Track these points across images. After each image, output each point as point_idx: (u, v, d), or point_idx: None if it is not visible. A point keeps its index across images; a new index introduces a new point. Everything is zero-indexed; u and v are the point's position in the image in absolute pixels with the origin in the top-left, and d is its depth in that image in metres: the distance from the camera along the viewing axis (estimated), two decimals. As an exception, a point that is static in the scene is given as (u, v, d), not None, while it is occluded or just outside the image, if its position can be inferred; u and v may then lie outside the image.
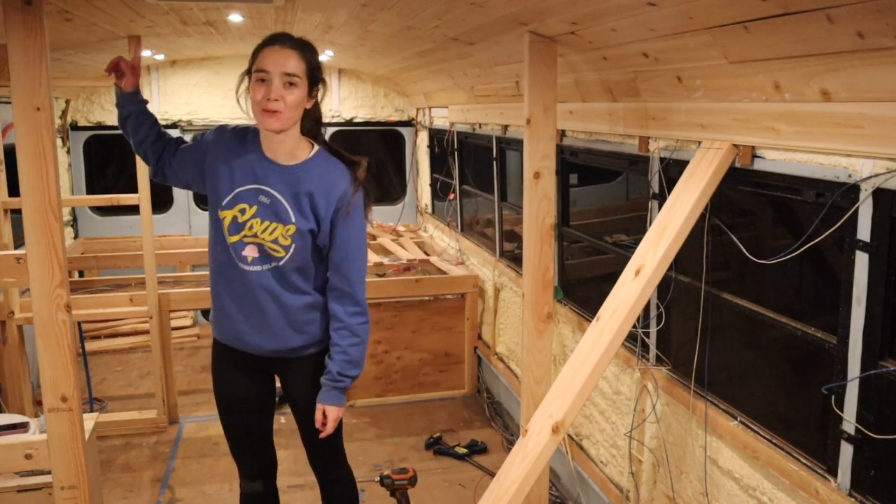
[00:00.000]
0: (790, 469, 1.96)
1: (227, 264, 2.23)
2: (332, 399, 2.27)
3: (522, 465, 2.20)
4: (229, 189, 2.18)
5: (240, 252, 2.19)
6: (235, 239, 2.18)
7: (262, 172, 2.17)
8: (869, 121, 1.57)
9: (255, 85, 2.07)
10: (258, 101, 2.07)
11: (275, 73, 2.05)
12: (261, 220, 2.16)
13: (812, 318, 1.98)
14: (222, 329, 2.33)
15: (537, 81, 2.56)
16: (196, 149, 2.29)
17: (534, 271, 2.70)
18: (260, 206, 2.16)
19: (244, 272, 2.20)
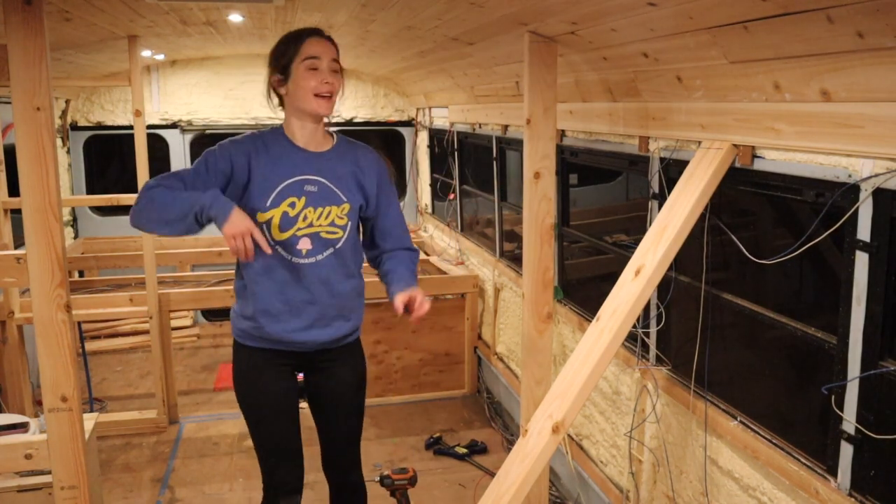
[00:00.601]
0: (790, 469, 1.96)
1: (276, 264, 2.20)
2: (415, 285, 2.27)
3: (522, 465, 2.20)
4: (271, 188, 2.17)
5: (294, 246, 2.20)
6: (288, 234, 2.19)
7: (301, 163, 2.21)
8: (869, 121, 1.57)
9: (307, 72, 2.14)
10: (312, 86, 2.14)
11: (325, 58, 2.15)
12: (313, 208, 2.19)
13: (812, 318, 1.98)
14: (264, 332, 2.25)
15: (537, 81, 2.56)
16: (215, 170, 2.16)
17: (534, 271, 2.70)
18: (308, 196, 2.19)
19: (298, 266, 2.21)
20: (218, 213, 2.03)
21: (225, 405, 4.85)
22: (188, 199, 2.05)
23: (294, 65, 2.15)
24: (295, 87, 2.16)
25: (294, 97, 2.17)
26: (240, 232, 2.01)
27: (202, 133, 6.28)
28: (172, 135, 6.20)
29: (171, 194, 2.07)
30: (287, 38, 2.19)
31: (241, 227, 2.01)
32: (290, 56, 2.15)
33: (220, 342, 6.17)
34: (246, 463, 4.02)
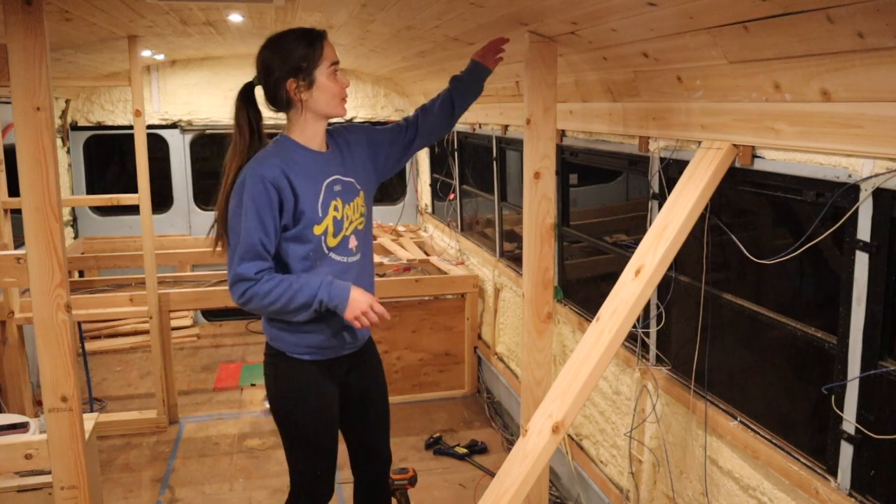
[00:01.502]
0: (790, 469, 1.96)
1: (333, 269, 2.19)
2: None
3: (522, 465, 2.20)
4: (316, 198, 2.15)
5: (346, 247, 2.24)
6: (340, 237, 2.22)
7: (322, 166, 2.22)
8: (869, 121, 1.57)
9: (332, 78, 2.17)
10: (338, 91, 2.18)
11: (338, 63, 2.20)
12: (348, 205, 2.24)
13: (812, 318, 1.98)
14: (322, 342, 2.24)
15: (537, 81, 2.56)
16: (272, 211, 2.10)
17: (534, 271, 2.70)
18: (340, 195, 2.22)
19: (349, 266, 2.25)
20: (338, 302, 2.11)
21: (225, 405, 4.85)
22: (302, 297, 2.09)
23: (318, 71, 2.13)
24: (321, 93, 2.14)
25: (318, 102, 2.15)
26: (362, 312, 2.10)
27: (202, 133, 6.28)
28: (172, 135, 6.20)
29: (280, 288, 2.08)
30: (298, 41, 2.13)
31: (363, 306, 2.10)
32: (314, 62, 2.12)
33: (220, 342, 6.18)
34: (246, 463, 4.02)
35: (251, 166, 2.11)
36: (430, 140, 2.52)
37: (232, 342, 6.17)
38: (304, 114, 2.18)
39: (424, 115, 2.47)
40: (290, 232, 2.13)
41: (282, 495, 3.68)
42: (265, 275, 2.10)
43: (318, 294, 2.09)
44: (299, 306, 2.10)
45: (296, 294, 2.09)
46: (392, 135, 2.43)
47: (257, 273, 2.09)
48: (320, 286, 2.10)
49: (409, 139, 2.45)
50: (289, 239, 2.14)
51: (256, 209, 2.06)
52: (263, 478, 3.86)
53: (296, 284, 2.10)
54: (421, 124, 2.46)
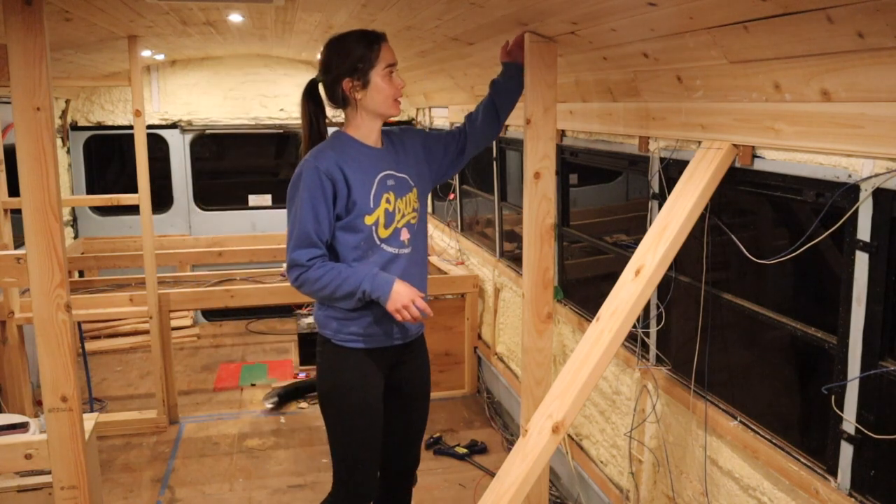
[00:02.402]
0: (790, 469, 1.96)
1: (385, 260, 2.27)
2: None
3: (522, 465, 2.20)
4: (368, 190, 2.24)
5: (398, 239, 2.30)
6: (391, 229, 2.28)
7: (377, 161, 2.30)
8: (869, 121, 1.57)
9: (387, 79, 2.24)
10: (392, 92, 2.26)
11: (396, 64, 2.28)
12: (400, 199, 2.31)
13: (812, 318, 1.98)
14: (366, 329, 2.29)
15: (537, 81, 2.56)
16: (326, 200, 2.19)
17: (534, 271, 2.70)
18: (393, 190, 2.29)
19: (399, 257, 2.30)
20: (380, 293, 2.18)
21: (225, 405, 4.85)
22: (348, 285, 2.18)
23: (374, 72, 2.22)
24: (375, 93, 2.23)
25: (372, 102, 2.24)
26: (403, 305, 2.17)
27: (202, 133, 6.29)
28: (172, 135, 6.20)
29: (329, 276, 2.18)
30: (357, 43, 2.22)
31: (404, 299, 2.17)
32: (370, 63, 2.21)
33: (220, 342, 6.18)
34: (246, 463, 4.02)
35: (308, 159, 2.22)
36: (482, 145, 2.60)
37: (232, 342, 6.17)
38: (359, 112, 2.28)
39: (471, 124, 2.54)
40: (343, 221, 2.22)
41: (282, 495, 3.69)
42: (318, 262, 2.20)
43: (363, 284, 2.17)
44: (345, 294, 2.19)
45: (343, 282, 2.18)
46: (445, 141, 2.51)
47: (309, 260, 2.19)
48: (365, 276, 2.19)
49: (460, 147, 2.52)
50: (341, 228, 2.23)
51: (311, 199, 2.17)
52: (263, 478, 3.86)
53: (344, 273, 2.19)
54: (469, 132, 2.53)
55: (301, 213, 2.17)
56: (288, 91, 6.24)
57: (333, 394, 2.35)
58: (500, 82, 2.56)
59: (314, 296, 2.27)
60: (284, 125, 6.32)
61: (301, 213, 2.17)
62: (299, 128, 2.45)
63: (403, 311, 2.17)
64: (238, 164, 6.91)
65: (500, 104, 2.55)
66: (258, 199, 6.57)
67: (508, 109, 2.57)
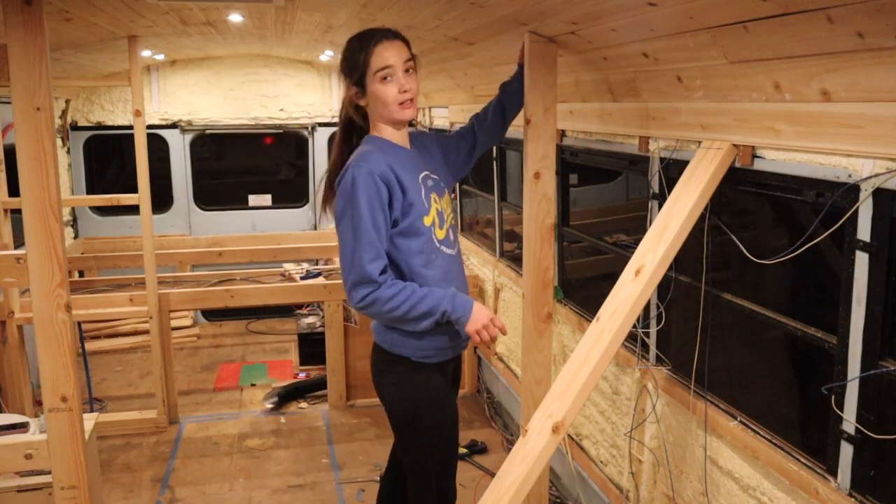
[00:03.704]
0: (790, 469, 1.96)
1: (444, 263, 2.20)
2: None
3: (522, 465, 2.20)
4: (419, 191, 2.16)
5: (450, 238, 2.24)
6: (444, 230, 2.22)
7: (415, 162, 2.22)
8: (869, 121, 1.57)
9: (382, 85, 2.09)
10: (392, 97, 2.10)
11: (398, 65, 2.09)
12: (442, 198, 2.27)
13: (812, 319, 1.98)
14: (446, 343, 2.22)
15: (537, 81, 2.56)
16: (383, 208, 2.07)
17: (534, 271, 2.70)
18: (434, 189, 2.23)
19: (454, 258, 2.26)
20: (461, 314, 2.09)
21: (225, 405, 4.85)
22: (425, 305, 2.06)
23: (367, 78, 2.10)
24: (374, 100, 2.13)
25: (376, 108, 2.15)
26: (483, 325, 2.10)
27: (202, 133, 6.29)
28: (172, 135, 6.21)
29: (404, 294, 2.05)
30: (354, 46, 2.13)
31: (484, 320, 2.10)
32: (362, 68, 2.10)
33: (220, 342, 6.18)
34: (246, 463, 4.02)
35: (358, 164, 2.06)
36: (487, 146, 2.57)
37: (232, 342, 6.17)
38: (373, 116, 2.21)
39: (479, 124, 2.51)
40: (402, 225, 2.10)
41: (282, 495, 3.69)
42: (388, 279, 2.07)
43: (443, 304, 2.07)
44: (420, 314, 2.07)
45: (419, 301, 2.06)
46: (457, 141, 2.49)
47: (381, 275, 2.04)
48: (444, 296, 2.08)
49: (470, 146, 2.50)
50: (401, 234, 2.11)
51: (370, 207, 2.03)
52: (263, 478, 3.86)
53: (420, 292, 2.07)
54: (478, 133, 2.51)
55: (362, 222, 2.02)
56: (288, 91, 6.24)
57: (419, 413, 2.25)
58: (510, 84, 2.55)
59: (381, 317, 2.13)
60: (284, 125, 6.32)
61: (362, 223, 2.02)
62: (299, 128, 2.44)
63: (483, 331, 2.10)
64: (238, 164, 6.91)
65: (508, 106, 2.53)
66: (258, 199, 6.57)
67: (515, 113, 2.56)
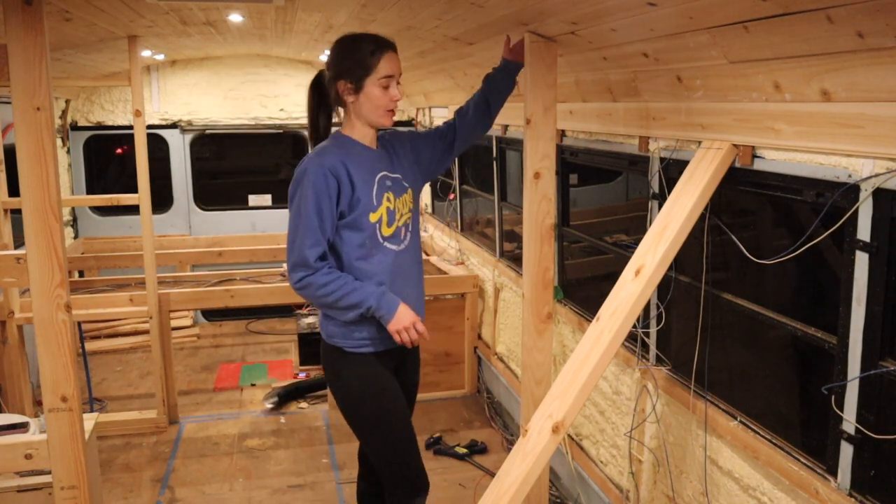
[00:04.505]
0: (790, 469, 1.96)
1: (388, 258, 2.29)
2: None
3: (522, 465, 2.20)
4: (370, 189, 2.26)
5: (399, 237, 2.32)
6: (394, 227, 2.30)
7: (375, 162, 2.32)
8: (869, 121, 1.57)
9: (381, 90, 2.23)
10: (385, 103, 2.25)
11: (397, 76, 2.27)
12: (399, 198, 2.34)
13: (812, 318, 1.98)
14: (375, 332, 2.29)
15: (537, 81, 2.56)
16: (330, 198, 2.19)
17: (534, 271, 2.70)
18: (391, 189, 2.32)
19: (402, 255, 2.33)
20: (384, 312, 2.21)
21: (225, 405, 4.85)
22: (354, 297, 2.19)
23: (368, 80, 2.21)
24: (367, 101, 2.24)
25: (363, 109, 2.26)
26: (405, 327, 2.22)
27: (202, 133, 6.29)
28: (172, 135, 6.20)
29: (336, 283, 2.18)
30: (361, 50, 2.21)
31: (406, 322, 2.22)
32: (366, 70, 2.20)
33: (220, 342, 6.18)
34: (246, 463, 4.02)
35: (312, 157, 2.23)
36: (470, 141, 2.61)
37: (232, 342, 6.17)
38: (351, 115, 2.30)
39: (462, 119, 2.55)
40: (347, 219, 2.22)
41: (282, 495, 3.69)
42: (325, 266, 2.20)
43: (369, 300, 2.20)
44: (349, 305, 2.20)
45: (349, 293, 2.19)
46: (433, 140, 2.54)
47: (316, 261, 2.18)
48: (373, 292, 2.21)
49: (449, 142, 2.55)
50: (346, 226, 2.23)
51: (316, 196, 2.16)
52: (263, 478, 3.86)
53: (351, 284, 2.21)
54: (459, 127, 2.54)
55: (307, 210, 2.16)
56: (288, 91, 6.24)
57: (361, 401, 2.35)
58: (496, 78, 2.56)
59: (314, 300, 2.27)
60: (284, 125, 6.32)
61: (307, 211, 2.16)
62: (300, 128, 2.46)
63: (404, 332, 2.23)
64: (238, 164, 6.91)
65: (493, 100, 2.55)
66: (258, 199, 6.57)
67: (500, 105, 2.58)
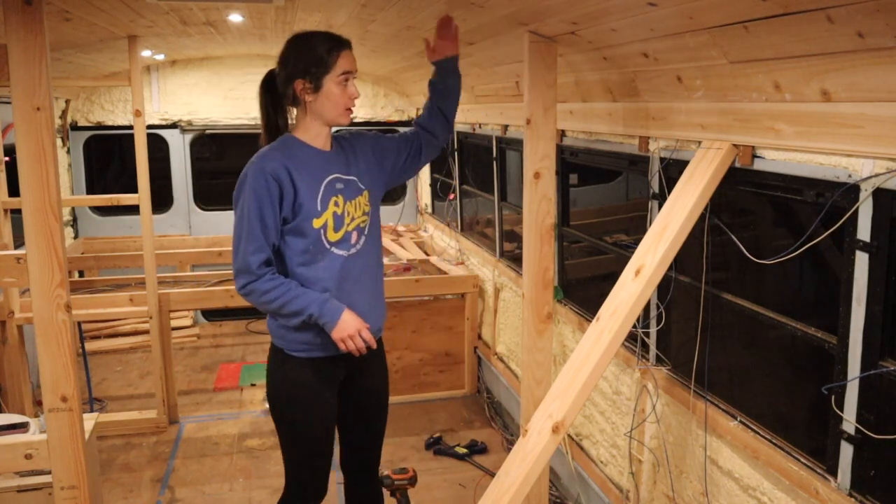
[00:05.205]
0: (790, 469, 1.96)
1: (334, 264, 2.22)
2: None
3: (522, 465, 2.20)
4: (316, 193, 2.20)
5: (348, 242, 2.26)
6: (342, 232, 2.24)
7: (325, 164, 2.25)
8: (869, 121, 1.57)
9: (340, 88, 2.19)
10: (344, 101, 2.21)
11: (354, 73, 2.23)
12: (350, 202, 2.27)
13: (812, 318, 1.98)
14: (314, 338, 2.24)
15: (537, 81, 2.56)
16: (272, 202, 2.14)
17: (534, 271, 2.70)
18: (342, 192, 2.26)
19: (351, 260, 2.26)
20: (327, 320, 2.16)
21: (225, 405, 4.85)
22: (296, 305, 2.15)
23: (327, 78, 2.17)
24: (325, 100, 2.19)
25: (322, 107, 2.21)
26: (349, 335, 2.16)
27: (202, 133, 6.28)
28: (172, 135, 6.20)
29: (279, 290, 2.15)
30: (318, 48, 2.17)
31: (350, 330, 2.16)
32: (325, 68, 2.16)
33: (220, 342, 6.18)
34: (246, 463, 4.02)
35: (253, 160, 2.18)
36: (437, 150, 2.56)
37: (232, 342, 6.17)
38: (308, 114, 2.24)
39: (423, 130, 2.51)
40: (290, 224, 2.18)
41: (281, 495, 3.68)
42: (269, 272, 2.16)
43: (311, 307, 2.15)
44: (291, 312, 2.16)
45: (291, 300, 2.15)
46: (399, 143, 2.47)
47: (259, 267, 2.14)
48: (314, 300, 2.16)
49: (416, 149, 2.49)
50: (289, 232, 2.19)
51: (257, 201, 2.12)
52: (263, 478, 3.86)
53: (294, 291, 2.16)
54: (421, 135, 2.50)
55: (248, 215, 2.12)
56: (288, 91, 6.23)
57: (283, 402, 2.33)
58: (435, 83, 2.51)
59: (259, 307, 2.21)
60: None
61: (248, 216, 2.12)
62: None
63: (348, 340, 2.16)
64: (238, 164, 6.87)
65: (443, 105, 2.49)
66: None
67: (453, 108, 2.52)
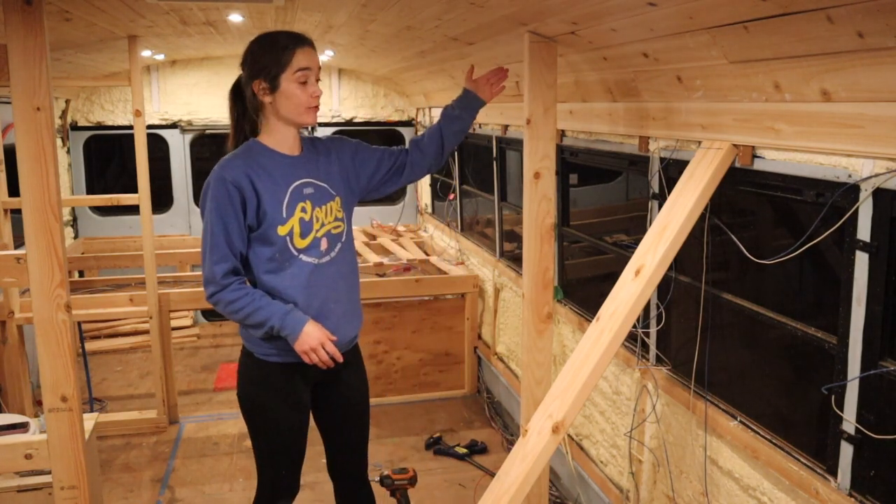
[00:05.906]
0: (790, 469, 1.96)
1: (302, 271, 2.18)
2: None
3: (522, 465, 2.20)
4: (281, 200, 2.15)
5: (317, 248, 2.21)
6: (309, 239, 2.19)
7: (292, 169, 2.20)
8: (869, 121, 1.57)
9: (299, 86, 2.13)
10: (305, 100, 2.14)
11: (314, 69, 2.16)
12: (319, 208, 2.22)
13: (812, 318, 1.98)
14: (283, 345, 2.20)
15: (537, 81, 2.56)
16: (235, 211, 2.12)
17: (534, 271, 2.70)
18: (311, 198, 2.20)
19: (321, 267, 2.21)
20: (289, 332, 2.12)
21: (225, 405, 4.85)
22: (258, 316, 2.12)
23: (284, 77, 2.11)
24: (285, 100, 2.14)
25: (283, 108, 2.15)
26: (311, 348, 2.12)
27: (202, 133, 6.28)
28: (172, 135, 6.20)
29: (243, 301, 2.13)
30: (274, 47, 2.13)
31: (312, 342, 2.11)
32: (281, 67, 2.11)
33: (220, 342, 6.18)
34: (246, 463, 4.02)
35: (215, 169, 2.14)
36: (421, 173, 2.50)
37: (232, 342, 6.17)
38: (270, 117, 2.19)
39: (416, 149, 2.46)
40: (256, 232, 2.15)
41: (282, 495, 3.68)
42: (235, 282, 2.14)
43: (273, 319, 2.11)
44: (255, 323, 2.14)
45: (254, 311, 2.12)
46: (382, 156, 2.41)
47: (224, 276, 2.12)
48: (276, 312, 2.12)
49: (398, 166, 2.42)
50: (255, 240, 2.16)
51: (219, 211, 2.10)
52: (263, 478, 3.86)
53: (257, 303, 2.13)
54: (412, 156, 2.44)
55: (212, 225, 2.10)
56: (288, 91, 6.23)
57: (254, 408, 2.32)
58: (452, 112, 2.45)
59: (227, 316, 2.20)
60: None
61: (211, 227, 2.10)
62: None
63: (311, 353, 2.12)
64: None
65: (447, 136, 2.44)
66: None
67: (454, 140, 2.48)
